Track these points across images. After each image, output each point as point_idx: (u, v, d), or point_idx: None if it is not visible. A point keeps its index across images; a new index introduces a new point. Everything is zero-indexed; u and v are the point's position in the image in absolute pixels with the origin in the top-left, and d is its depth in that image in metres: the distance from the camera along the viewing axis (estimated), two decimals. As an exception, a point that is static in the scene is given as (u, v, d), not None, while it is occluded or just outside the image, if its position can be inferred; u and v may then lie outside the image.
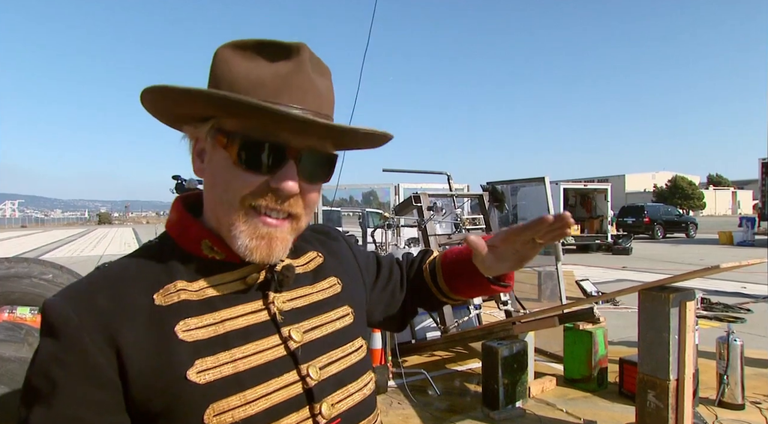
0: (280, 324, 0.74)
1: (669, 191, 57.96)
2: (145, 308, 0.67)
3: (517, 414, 3.23)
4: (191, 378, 0.65)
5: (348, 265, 0.93)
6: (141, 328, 0.65)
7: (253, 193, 0.68)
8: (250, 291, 0.74)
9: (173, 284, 0.70)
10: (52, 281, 2.90)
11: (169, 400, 0.64)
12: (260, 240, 0.69)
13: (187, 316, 0.68)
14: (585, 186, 18.97)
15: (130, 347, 0.64)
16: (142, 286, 0.68)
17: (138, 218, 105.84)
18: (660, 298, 2.41)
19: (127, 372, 0.63)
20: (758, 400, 3.33)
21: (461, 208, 4.94)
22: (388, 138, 0.78)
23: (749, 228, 19.84)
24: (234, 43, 0.71)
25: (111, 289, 0.67)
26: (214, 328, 0.69)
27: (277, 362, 0.71)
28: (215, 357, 0.67)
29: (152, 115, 0.75)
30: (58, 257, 17.67)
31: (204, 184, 0.75)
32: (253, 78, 0.67)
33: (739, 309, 6.95)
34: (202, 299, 0.70)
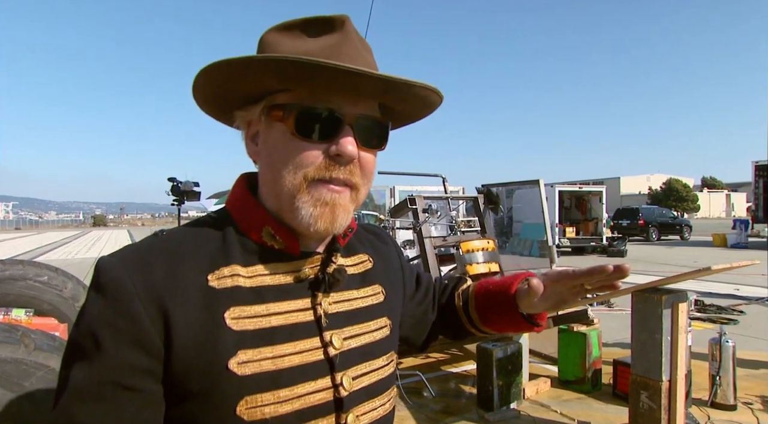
0: (324, 328, 0.73)
1: (664, 194, 58.21)
2: (199, 287, 0.66)
3: (512, 415, 3.24)
4: (231, 367, 0.64)
5: (393, 273, 0.92)
6: (193, 306, 0.65)
7: (314, 163, 0.68)
8: (301, 287, 0.74)
9: (229, 267, 0.69)
10: (47, 283, 2.90)
11: (206, 384, 0.64)
12: (324, 207, 0.69)
13: (237, 303, 0.67)
14: (580, 188, 19.06)
15: (180, 323, 0.64)
16: (197, 263, 0.68)
17: (133, 220, 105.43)
18: (653, 300, 2.42)
19: (172, 346, 0.63)
20: (750, 401, 3.36)
21: (456, 210, 4.96)
22: (440, 97, 0.76)
23: (743, 230, 19.97)
24: (279, 26, 0.72)
25: (168, 261, 0.67)
26: (261, 320, 0.68)
27: (315, 366, 0.71)
28: (258, 350, 0.67)
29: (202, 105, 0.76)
30: (52, 260, 17.58)
31: (260, 165, 0.75)
32: (302, 52, 0.66)
33: (732, 311, 7.00)
34: (254, 287, 0.70)
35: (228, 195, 0.79)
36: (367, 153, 0.73)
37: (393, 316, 0.86)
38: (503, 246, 5.60)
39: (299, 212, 0.69)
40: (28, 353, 1.42)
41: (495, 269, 4.41)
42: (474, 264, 4.22)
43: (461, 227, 4.65)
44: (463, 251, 4.25)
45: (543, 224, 4.81)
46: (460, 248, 4.26)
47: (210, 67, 0.67)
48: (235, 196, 0.77)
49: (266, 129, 0.72)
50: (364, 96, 0.70)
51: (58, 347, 1.52)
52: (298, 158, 0.68)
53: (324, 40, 0.69)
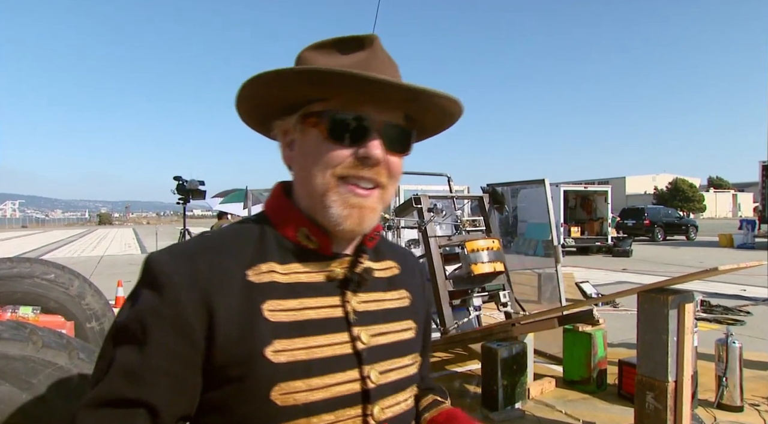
0: (352, 323, 0.79)
1: (669, 193, 57.94)
2: (239, 281, 0.73)
3: (517, 415, 3.24)
4: (267, 355, 0.70)
5: (417, 288, 0.96)
6: (233, 298, 0.71)
7: (343, 164, 0.75)
8: (331, 285, 0.80)
9: (266, 264, 0.76)
10: (54, 281, 2.91)
11: (244, 370, 0.70)
12: (352, 209, 0.76)
13: (273, 297, 0.74)
14: (585, 188, 18.99)
15: (221, 314, 0.70)
16: (238, 259, 0.75)
17: (138, 219, 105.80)
18: (659, 300, 2.42)
19: (214, 335, 0.69)
20: (757, 402, 3.34)
21: (461, 209, 4.95)
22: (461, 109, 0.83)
23: (749, 231, 19.85)
24: (314, 45, 0.80)
25: (212, 257, 0.73)
26: (295, 313, 0.74)
27: (344, 358, 0.76)
28: (291, 341, 0.72)
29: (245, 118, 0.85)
30: (58, 257, 17.68)
31: (294, 169, 0.82)
32: (336, 66, 0.73)
33: (738, 312, 6.95)
34: (289, 283, 0.76)
35: (268, 199, 0.86)
36: (393, 156, 0.79)
37: (418, 320, 0.92)
38: (508, 245, 5.59)
39: (329, 210, 0.76)
40: (36, 350, 1.42)
41: (500, 269, 4.40)
42: (479, 263, 4.21)
43: (466, 226, 4.64)
44: (468, 250, 4.25)
45: (548, 224, 4.80)
46: (465, 247, 4.25)
47: (257, 77, 0.75)
48: (272, 200, 0.85)
49: (301, 136, 0.79)
50: (390, 105, 0.77)
51: (65, 344, 1.53)
52: (328, 158, 0.75)
53: (355, 56, 0.76)
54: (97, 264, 15.63)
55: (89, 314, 2.98)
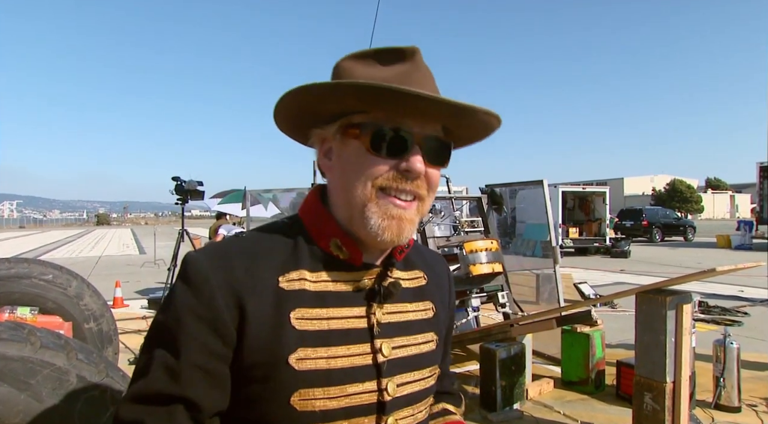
0: (375, 335, 0.80)
1: (667, 194, 58.02)
2: (271, 287, 0.75)
3: (515, 416, 3.24)
4: (291, 362, 0.72)
5: (443, 297, 0.97)
6: (265, 303, 0.73)
7: (384, 176, 0.76)
8: (358, 296, 0.81)
9: (297, 271, 0.77)
10: (51, 281, 2.91)
11: (268, 373, 0.73)
12: (391, 220, 0.76)
13: (302, 305, 0.75)
14: (584, 189, 18.99)
15: (253, 316, 0.72)
16: (271, 265, 0.76)
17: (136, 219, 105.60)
18: (657, 301, 2.42)
19: (244, 336, 0.72)
20: (754, 403, 3.35)
21: (460, 210, 4.95)
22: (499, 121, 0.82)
23: (747, 232, 19.87)
24: (354, 54, 0.80)
25: (246, 261, 0.75)
26: (321, 323, 0.76)
27: (363, 370, 0.77)
28: (315, 350, 0.74)
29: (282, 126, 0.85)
30: (57, 258, 17.64)
31: (332, 177, 0.82)
32: (378, 79, 0.74)
33: (736, 312, 6.97)
34: (317, 292, 0.77)
35: (303, 204, 0.86)
36: (433, 169, 0.80)
37: (440, 333, 0.92)
38: (506, 246, 5.59)
39: (369, 220, 0.76)
40: (34, 350, 1.42)
41: (498, 270, 4.41)
42: (477, 264, 4.21)
43: (465, 227, 4.65)
44: (467, 251, 4.25)
45: (546, 225, 4.81)
46: (464, 248, 4.25)
47: (300, 89, 0.75)
48: (308, 206, 0.85)
49: (341, 145, 0.79)
50: (431, 119, 0.77)
51: (64, 345, 1.52)
52: (369, 170, 0.76)
53: (396, 68, 0.77)
54: (95, 265, 15.59)
55: (87, 315, 2.97)
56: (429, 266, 0.95)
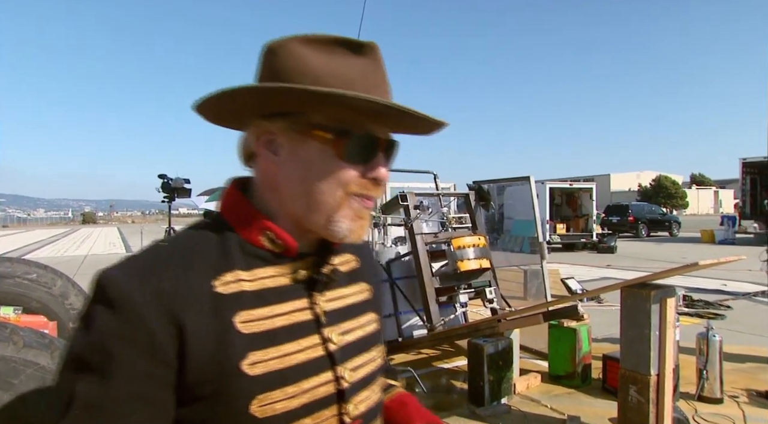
0: (323, 325, 0.77)
1: (653, 190, 58.65)
2: (207, 294, 0.68)
3: (503, 410, 3.27)
4: (243, 369, 0.67)
5: (373, 277, 0.95)
6: (204, 314, 0.66)
7: (355, 182, 0.73)
8: (298, 288, 0.76)
9: (232, 272, 0.71)
10: (36, 280, 2.87)
11: (220, 387, 0.66)
12: (360, 221, 0.75)
13: (244, 307, 0.70)
14: (571, 185, 19.14)
15: (192, 331, 0.65)
16: (203, 270, 0.69)
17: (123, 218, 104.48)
18: (641, 295, 2.45)
19: (186, 354, 0.64)
20: (736, 394, 3.41)
21: (447, 207, 4.97)
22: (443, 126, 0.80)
23: (730, 227, 20.17)
24: (306, 38, 0.72)
25: (174, 270, 0.67)
26: (266, 322, 0.71)
27: (317, 361, 0.74)
28: (265, 351, 0.70)
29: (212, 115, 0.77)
30: (41, 257, 17.40)
31: (280, 174, 0.75)
32: (340, 74, 0.69)
33: (719, 306, 7.09)
34: (257, 291, 0.72)
35: (222, 200, 0.79)
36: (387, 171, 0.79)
37: (378, 313, 0.91)
38: (494, 243, 5.63)
39: (337, 225, 0.73)
40: (17, 350, 1.40)
41: (486, 265, 4.43)
42: (465, 260, 4.24)
43: (452, 223, 4.67)
44: (455, 247, 4.27)
45: (534, 221, 4.84)
46: (452, 244, 4.27)
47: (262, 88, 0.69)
48: (231, 202, 0.78)
49: (297, 144, 0.72)
50: (389, 124, 0.75)
51: (48, 344, 1.51)
52: (339, 177, 0.72)
53: (357, 63, 0.71)
54: (81, 264, 15.42)
55: (72, 314, 2.94)
56: (357, 249, 0.93)
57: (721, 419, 3.02)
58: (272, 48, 0.73)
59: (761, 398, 3.32)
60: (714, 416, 3.05)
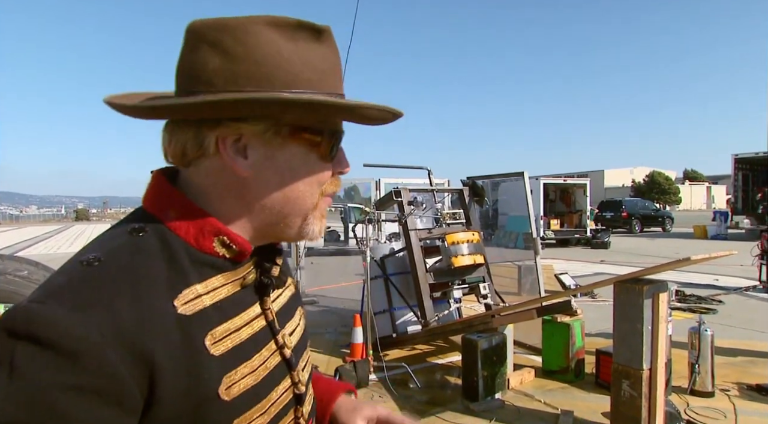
0: (276, 330, 0.72)
1: (646, 186, 59.02)
2: (171, 317, 0.58)
3: (497, 405, 3.28)
4: (222, 396, 0.61)
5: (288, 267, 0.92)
6: (173, 343, 0.57)
7: (328, 179, 0.70)
8: (248, 294, 0.70)
9: (190, 289, 0.62)
10: (27, 277, 2.85)
11: (196, 419, 0.59)
12: (323, 220, 0.73)
13: (210, 326, 0.62)
14: (565, 181, 19.20)
15: (164, 367, 0.55)
16: (159, 291, 0.59)
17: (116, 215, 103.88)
18: (634, 290, 2.47)
19: (156, 392, 0.55)
20: (727, 387, 3.44)
21: (442, 203, 4.98)
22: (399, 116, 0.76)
23: (723, 222, 20.33)
24: (271, 21, 0.63)
25: (128, 295, 0.56)
26: (231, 338, 0.64)
27: (278, 369, 0.70)
28: (237, 370, 0.64)
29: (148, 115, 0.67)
30: (34, 255, 17.28)
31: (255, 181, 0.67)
32: (313, 67, 0.64)
33: (711, 301, 7.14)
34: (215, 304, 0.64)
35: (152, 197, 0.68)
36: None
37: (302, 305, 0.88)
38: (489, 238, 5.64)
39: (309, 227, 0.70)
40: (7, 348, 1.39)
41: (480, 261, 4.44)
42: (459, 256, 4.24)
43: (446, 219, 4.67)
44: (449, 243, 4.27)
45: (528, 217, 4.85)
46: (446, 240, 4.28)
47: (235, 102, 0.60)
48: (166, 201, 0.67)
49: (275, 148, 0.66)
50: None
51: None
52: (320, 177, 0.69)
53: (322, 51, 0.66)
54: (73, 261, 15.30)
55: (65, 311, 2.93)
56: None
57: (712, 412, 3.04)
58: (230, 27, 0.62)
59: (752, 391, 3.35)
60: (705, 410, 3.07)
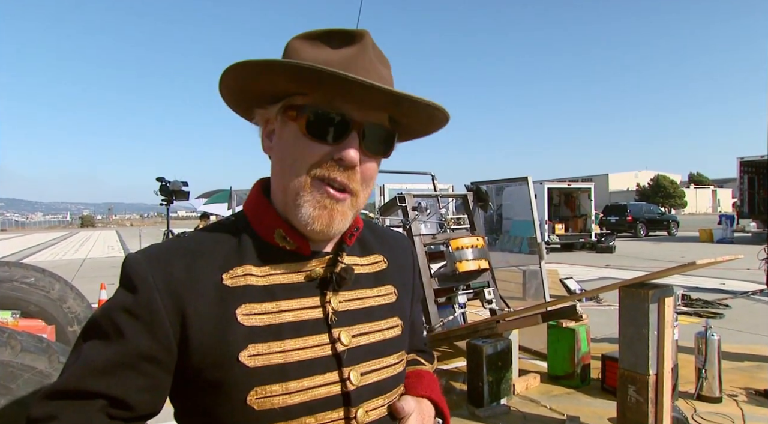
0: (332, 324, 0.76)
1: (651, 190, 58.78)
2: (213, 285, 0.72)
3: (502, 411, 3.26)
4: (242, 359, 0.69)
5: (406, 278, 0.94)
6: (207, 303, 0.70)
7: (318, 162, 0.73)
8: (311, 286, 0.77)
9: (242, 267, 0.74)
10: (34, 284, 2.87)
11: (219, 375, 0.69)
12: (323, 210, 0.74)
13: (248, 300, 0.72)
14: (569, 185, 19.18)
15: (195, 319, 0.69)
16: (214, 263, 0.73)
17: (122, 221, 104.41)
18: (639, 295, 2.46)
19: (188, 339, 0.69)
20: (735, 393, 3.41)
21: (446, 208, 4.98)
22: (446, 117, 0.79)
23: (728, 226, 20.24)
24: (303, 35, 0.77)
25: (187, 260, 0.72)
26: (270, 317, 0.73)
27: (323, 361, 0.74)
28: (267, 344, 0.71)
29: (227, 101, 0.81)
30: (40, 261, 17.37)
31: (273, 162, 0.80)
32: (321, 61, 0.71)
33: (717, 305, 7.10)
34: (265, 286, 0.74)
35: (246, 198, 0.84)
36: (370, 160, 0.77)
37: (404, 317, 0.89)
38: (493, 243, 5.63)
39: (301, 209, 0.74)
40: (14, 355, 1.40)
41: (484, 266, 4.43)
42: (463, 261, 4.24)
43: (451, 224, 4.67)
44: (453, 248, 4.27)
45: (532, 221, 4.84)
46: (450, 245, 4.28)
47: (236, 65, 0.72)
48: (250, 200, 0.82)
49: (281, 127, 0.77)
50: (373, 106, 0.74)
51: (45, 348, 1.51)
52: (305, 155, 0.73)
53: (343, 51, 0.73)
54: (79, 267, 15.38)
55: (71, 318, 2.94)
56: (389, 247, 0.93)
57: (720, 418, 3.02)
58: (285, 45, 0.78)
59: (760, 396, 3.32)
60: (713, 415, 3.05)
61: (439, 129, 0.84)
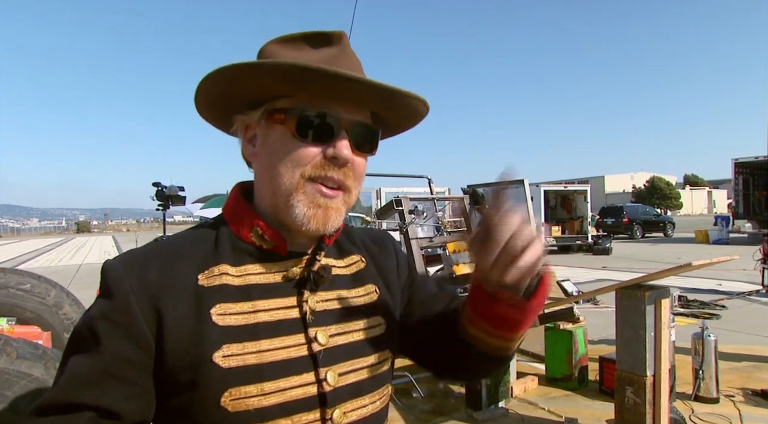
0: (309, 324, 0.76)
1: (647, 191, 59.04)
2: (190, 286, 0.72)
3: (500, 414, 3.26)
4: (216, 360, 0.69)
5: (389, 275, 0.92)
6: (183, 304, 0.70)
7: (311, 163, 0.73)
8: (288, 286, 0.77)
9: (218, 266, 0.74)
10: (29, 291, 2.86)
11: (194, 376, 0.68)
12: (317, 209, 0.74)
13: (223, 300, 0.72)
14: (565, 188, 19.24)
15: (170, 320, 0.69)
16: (190, 264, 0.73)
17: (118, 226, 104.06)
18: (636, 296, 2.46)
19: (164, 341, 0.68)
20: (732, 393, 3.42)
21: (442, 211, 4.98)
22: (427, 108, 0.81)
23: (724, 227, 20.30)
24: (278, 38, 0.77)
25: (163, 262, 0.72)
26: (246, 317, 0.72)
27: (299, 361, 0.73)
28: (242, 345, 0.70)
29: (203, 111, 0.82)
30: (35, 267, 17.29)
31: (257, 166, 0.80)
32: (304, 61, 0.71)
33: (714, 306, 7.12)
34: (241, 286, 0.74)
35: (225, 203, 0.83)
36: (359, 157, 0.77)
37: (388, 316, 0.87)
38: (490, 246, 5.63)
39: (294, 209, 0.73)
40: (10, 362, 1.40)
41: (482, 269, 4.43)
42: (461, 264, 4.24)
43: (447, 227, 4.67)
44: (450, 251, 4.28)
45: (528, 224, 4.85)
46: (447, 248, 4.28)
47: (219, 71, 0.72)
48: (229, 202, 0.82)
49: (266, 132, 0.76)
50: (358, 104, 0.76)
51: (41, 355, 1.50)
52: (296, 157, 0.73)
53: (324, 51, 0.74)
54: (75, 273, 15.32)
55: (67, 324, 2.93)
56: (367, 247, 0.92)
57: (717, 418, 3.02)
58: (259, 50, 0.78)
59: (757, 397, 3.33)
60: (710, 416, 3.05)
61: (418, 123, 0.86)
